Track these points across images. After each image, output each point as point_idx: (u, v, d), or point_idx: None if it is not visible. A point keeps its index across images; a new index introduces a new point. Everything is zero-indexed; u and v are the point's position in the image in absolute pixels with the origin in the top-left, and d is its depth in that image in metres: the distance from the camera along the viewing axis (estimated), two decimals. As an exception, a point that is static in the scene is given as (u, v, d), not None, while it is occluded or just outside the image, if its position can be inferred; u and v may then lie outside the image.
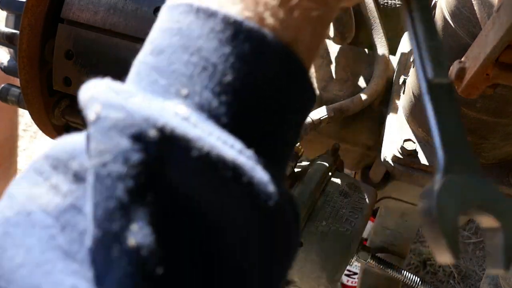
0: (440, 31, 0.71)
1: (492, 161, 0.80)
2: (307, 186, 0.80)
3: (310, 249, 0.78)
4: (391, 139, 0.84)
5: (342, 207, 0.80)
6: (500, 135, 0.74)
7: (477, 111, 0.71)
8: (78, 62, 0.85)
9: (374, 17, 1.02)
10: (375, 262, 0.87)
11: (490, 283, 0.69)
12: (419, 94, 0.80)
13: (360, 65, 1.02)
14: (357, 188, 0.83)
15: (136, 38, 0.83)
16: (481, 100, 0.69)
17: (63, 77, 0.86)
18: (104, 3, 0.84)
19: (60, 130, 1.04)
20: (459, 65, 0.55)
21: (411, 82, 0.83)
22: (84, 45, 0.85)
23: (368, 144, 1.01)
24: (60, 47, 0.85)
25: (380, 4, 1.15)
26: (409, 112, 0.85)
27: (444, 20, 0.69)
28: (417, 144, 0.82)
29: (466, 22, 0.65)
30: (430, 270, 1.83)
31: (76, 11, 0.85)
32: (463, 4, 0.64)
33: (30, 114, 1.00)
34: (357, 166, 1.07)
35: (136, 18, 0.83)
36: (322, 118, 0.88)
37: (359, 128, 0.99)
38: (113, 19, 0.84)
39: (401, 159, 0.81)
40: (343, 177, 0.87)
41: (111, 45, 0.84)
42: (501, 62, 0.50)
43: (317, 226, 0.78)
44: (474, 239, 1.90)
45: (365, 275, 1.17)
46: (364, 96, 0.92)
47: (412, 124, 0.85)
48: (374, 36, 1.01)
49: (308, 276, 0.79)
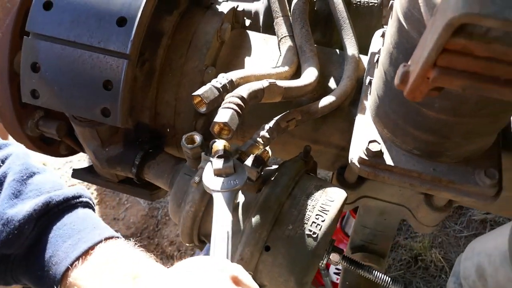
0: (396, 32, 0.71)
1: (457, 159, 0.79)
2: (273, 190, 0.80)
3: (277, 253, 0.78)
4: (358, 140, 0.84)
5: (309, 210, 0.80)
6: (461, 133, 0.74)
7: (436, 111, 0.71)
8: (44, 75, 0.86)
9: (344, 17, 1.02)
10: (347, 264, 0.88)
11: (455, 282, 0.69)
12: (382, 95, 0.80)
13: (330, 66, 1.02)
14: (325, 190, 0.83)
15: (100, 49, 0.84)
16: (439, 101, 0.69)
17: (31, 89, 0.87)
18: (68, 15, 0.85)
19: (36, 141, 1.05)
20: (404, 68, 0.55)
21: (375, 83, 0.83)
22: (49, 57, 0.85)
23: (341, 145, 1.01)
24: (26, 60, 0.86)
25: (353, 3, 1.14)
26: (374, 112, 0.85)
27: (398, 22, 0.69)
28: (383, 144, 0.82)
29: (417, 24, 0.65)
30: (421, 265, 1.83)
31: (40, 23, 0.85)
32: (413, 6, 0.64)
33: (3, 126, 1.01)
34: (332, 166, 1.07)
35: (99, 29, 0.84)
36: (289, 122, 0.88)
37: (330, 129, 0.99)
38: (76, 30, 0.84)
39: (367, 160, 0.81)
40: (311, 179, 0.87)
41: (76, 56, 0.85)
42: (439, 65, 0.50)
43: (284, 230, 0.79)
44: (466, 232, 1.90)
45: (345, 273, 1.17)
46: (332, 98, 0.92)
47: (378, 125, 0.85)
48: (344, 36, 1.01)
49: (276, 280, 0.79)
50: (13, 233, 0.59)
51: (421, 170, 0.80)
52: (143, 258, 0.62)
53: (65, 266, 0.58)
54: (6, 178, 0.63)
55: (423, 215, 1.04)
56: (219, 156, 0.76)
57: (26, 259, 0.61)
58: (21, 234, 0.60)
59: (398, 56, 0.72)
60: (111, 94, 0.84)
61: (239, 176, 0.75)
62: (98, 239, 0.61)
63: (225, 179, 0.74)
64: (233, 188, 0.73)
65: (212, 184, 0.73)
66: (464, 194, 0.78)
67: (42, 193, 0.63)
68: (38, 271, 0.60)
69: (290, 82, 0.89)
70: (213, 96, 0.79)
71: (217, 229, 0.68)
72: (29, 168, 0.65)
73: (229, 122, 0.74)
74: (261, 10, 1.19)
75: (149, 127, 0.98)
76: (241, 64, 1.02)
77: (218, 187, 0.73)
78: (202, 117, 0.99)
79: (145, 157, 0.96)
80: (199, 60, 0.95)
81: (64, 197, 0.63)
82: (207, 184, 0.74)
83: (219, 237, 0.66)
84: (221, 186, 0.73)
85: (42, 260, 0.60)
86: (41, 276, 0.60)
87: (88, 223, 0.63)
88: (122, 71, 0.83)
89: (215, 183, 0.74)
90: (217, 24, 0.97)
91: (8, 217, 0.59)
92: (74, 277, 0.58)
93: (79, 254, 0.59)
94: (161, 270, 0.60)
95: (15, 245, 0.60)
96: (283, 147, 1.04)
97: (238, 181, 0.74)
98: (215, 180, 0.74)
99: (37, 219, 0.60)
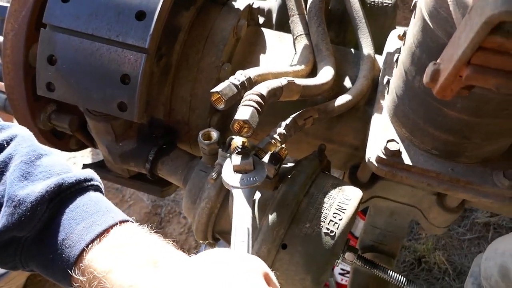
0: (419, 31, 0.70)
1: (475, 160, 0.79)
2: (291, 188, 0.80)
3: (294, 251, 0.78)
4: (375, 140, 0.84)
5: (326, 209, 0.80)
6: (482, 134, 0.74)
7: (458, 111, 0.71)
8: (61, 67, 0.85)
9: (360, 17, 1.01)
10: (362, 263, 0.87)
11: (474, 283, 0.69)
12: (401, 95, 0.80)
13: (346, 65, 1.02)
14: (341, 189, 0.83)
15: (118, 43, 0.83)
16: (461, 100, 0.69)
17: (46, 82, 0.86)
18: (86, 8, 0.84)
19: (47, 135, 1.04)
20: (434, 67, 0.55)
21: (394, 83, 0.83)
22: (66, 50, 0.84)
23: (355, 144, 1.00)
24: (42, 52, 0.85)
25: (367, 3, 1.14)
26: (392, 112, 0.85)
27: (423, 21, 0.69)
28: (401, 144, 0.82)
29: (443, 23, 0.65)
30: (425, 267, 1.83)
31: (58, 15, 0.85)
32: (440, 5, 0.64)
33: (16, 119, 1.00)
34: (345, 166, 1.07)
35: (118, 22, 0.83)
36: (306, 120, 0.88)
37: (345, 128, 0.99)
38: (95, 23, 0.84)
39: (385, 159, 0.80)
40: (328, 178, 0.86)
41: (94, 49, 0.84)
42: (473, 64, 0.50)
43: (301, 228, 0.78)
44: (469, 235, 1.90)
45: (355, 274, 1.17)
46: (349, 97, 0.92)
47: (396, 124, 0.84)
48: (360, 36, 1.00)
49: (292, 278, 0.79)
50: (25, 215, 0.57)
51: (439, 170, 0.80)
52: (162, 243, 0.60)
53: (79, 249, 0.56)
54: (12, 160, 0.62)
55: (435, 216, 1.04)
56: (238, 153, 0.75)
57: (37, 242, 0.59)
58: (34, 216, 0.58)
59: (421, 55, 0.71)
60: (128, 88, 0.83)
61: (258, 173, 0.75)
62: (112, 222, 0.59)
63: (244, 175, 0.74)
64: (253, 184, 0.73)
65: (232, 180, 0.73)
66: (482, 195, 0.78)
67: (52, 175, 0.61)
68: (50, 254, 0.58)
69: (308, 81, 0.89)
70: (232, 93, 0.78)
71: (237, 225, 0.67)
72: (36, 150, 0.64)
73: (249, 120, 0.74)
74: (275, 8, 1.19)
75: (163, 122, 0.98)
76: (256, 61, 1.02)
77: (238, 184, 0.72)
78: (217, 114, 0.99)
79: (159, 152, 0.95)
80: (216, 56, 0.95)
81: (76, 179, 0.61)
82: (227, 180, 0.73)
83: (239, 233, 0.66)
84: (241, 183, 0.73)
85: (55, 243, 0.58)
86: (53, 260, 0.58)
87: (101, 206, 0.61)
88: (140, 65, 0.83)
89: (234, 180, 0.73)
90: (233, 21, 0.97)
91: (20, 198, 0.58)
92: (89, 259, 0.56)
93: (94, 236, 0.57)
94: (184, 258, 0.58)
95: (28, 227, 0.58)
96: (297, 146, 1.04)
97: (258, 178, 0.74)
98: (235, 176, 0.74)
99: (49, 200, 0.59)
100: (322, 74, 0.93)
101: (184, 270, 0.53)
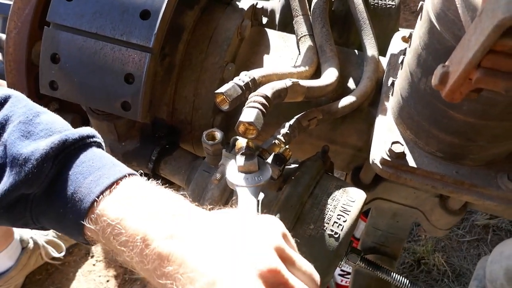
0: (426, 33, 0.70)
1: (479, 163, 0.79)
2: (295, 189, 0.80)
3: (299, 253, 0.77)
4: (380, 141, 0.84)
5: (330, 210, 0.79)
6: (487, 137, 0.74)
7: (464, 114, 0.71)
8: (64, 66, 0.84)
9: (364, 18, 1.01)
10: (365, 265, 0.87)
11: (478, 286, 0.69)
12: (407, 97, 0.80)
13: (349, 66, 1.02)
14: (345, 190, 0.83)
15: (122, 42, 0.83)
16: (468, 103, 0.69)
17: (49, 80, 0.86)
18: (90, 6, 0.84)
19: (49, 134, 1.03)
20: (443, 69, 0.55)
21: (399, 84, 0.83)
22: (70, 48, 0.84)
23: (358, 146, 1.00)
24: (45, 50, 0.85)
25: (371, 5, 1.14)
26: (397, 114, 0.84)
27: (430, 23, 0.68)
28: (405, 146, 0.82)
29: (451, 25, 0.64)
30: (424, 268, 1.83)
31: (62, 14, 0.84)
32: (448, 7, 0.64)
33: (18, 117, 0.99)
34: (348, 167, 1.07)
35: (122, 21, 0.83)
36: (310, 121, 0.87)
37: (348, 129, 0.99)
38: (99, 22, 0.83)
39: (389, 161, 0.80)
40: (332, 179, 0.86)
41: (97, 48, 0.83)
42: (483, 66, 0.50)
43: (305, 230, 0.78)
44: (468, 237, 1.90)
45: (356, 275, 1.17)
46: (353, 98, 0.92)
47: (401, 126, 0.84)
48: (364, 37, 1.00)
49: (296, 280, 0.79)
50: (32, 172, 0.57)
51: (443, 173, 0.79)
52: (176, 195, 0.59)
53: (89, 201, 0.56)
54: (9, 121, 0.61)
55: (437, 218, 1.04)
56: (242, 154, 0.75)
57: (46, 198, 0.59)
58: (41, 172, 0.57)
59: (427, 58, 0.71)
60: (132, 88, 0.83)
61: (263, 173, 0.74)
62: (120, 174, 0.59)
63: (249, 175, 0.73)
64: (258, 183, 0.73)
65: (236, 180, 0.73)
66: (486, 197, 0.78)
67: (54, 133, 0.61)
68: (60, 208, 0.58)
69: (312, 82, 0.88)
70: (236, 94, 0.78)
71: None
72: (33, 108, 0.63)
73: (254, 122, 0.73)
74: (278, 8, 1.19)
75: (166, 122, 0.97)
76: (260, 62, 1.02)
77: (243, 183, 0.72)
78: (220, 114, 0.98)
79: (162, 152, 0.95)
80: (220, 56, 0.94)
81: (79, 135, 0.61)
82: (231, 180, 0.73)
83: None
84: (245, 182, 0.72)
85: (64, 197, 0.57)
86: (64, 214, 0.58)
87: (107, 161, 0.61)
88: (144, 65, 0.82)
89: (239, 179, 0.73)
90: (237, 21, 0.97)
91: (25, 156, 0.57)
92: (101, 209, 0.55)
93: (103, 188, 0.56)
94: (199, 209, 0.57)
95: (35, 184, 0.58)
96: (300, 146, 1.04)
97: (262, 178, 0.74)
98: (239, 176, 0.74)
99: (54, 157, 0.58)
100: (326, 75, 0.93)
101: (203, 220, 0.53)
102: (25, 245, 1.71)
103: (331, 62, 0.95)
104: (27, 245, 1.71)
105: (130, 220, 0.53)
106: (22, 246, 1.71)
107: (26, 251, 1.70)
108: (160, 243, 0.51)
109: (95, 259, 1.85)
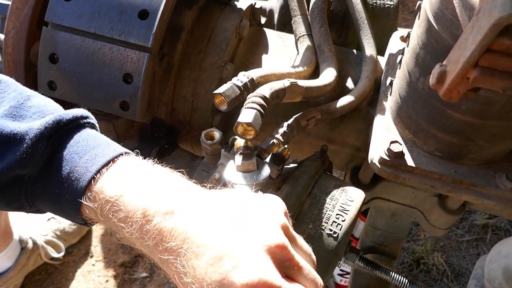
0: (424, 33, 0.70)
1: (478, 162, 0.80)
2: (294, 188, 0.80)
3: (297, 252, 0.78)
4: (378, 141, 0.84)
5: (329, 210, 0.79)
6: (486, 136, 0.74)
7: (462, 113, 0.71)
8: (63, 66, 0.84)
9: (362, 17, 1.01)
10: (364, 264, 0.87)
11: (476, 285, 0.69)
12: (405, 96, 0.80)
13: (348, 66, 1.02)
14: (344, 190, 0.83)
15: (121, 42, 0.83)
16: (466, 102, 0.69)
17: (48, 81, 0.86)
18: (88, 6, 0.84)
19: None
20: (440, 68, 0.55)
21: (397, 84, 0.83)
22: (68, 48, 0.84)
23: (357, 145, 1.00)
24: (44, 50, 0.85)
25: (369, 4, 1.14)
26: (395, 113, 0.85)
27: (428, 22, 0.68)
28: (404, 145, 0.82)
29: (449, 24, 0.65)
30: (423, 268, 1.83)
31: (60, 14, 0.84)
32: (445, 6, 0.64)
33: (16, 117, 0.99)
34: (347, 167, 1.07)
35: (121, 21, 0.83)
36: (309, 120, 0.87)
37: (347, 129, 0.99)
38: (97, 22, 0.83)
39: (388, 161, 0.80)
40: (330, 179, 0.86)
41: (96, 48, 0.83)
42: (481, 66, 0.50)
43: (304, 229, 0.78)
44: (468, 237, 1.90)
45: (356, 275, 1.17)
46: (351, 98, 0.92)
47: (399, 125, 0.84)
48: (362, 37, 1.00)
49: (295, 279, 0.79)
50: (26, 152, 0.56)
51: (442, 172, 0.79)
52: (174, 173, 0.58)
53: (86, 180, 0.55)
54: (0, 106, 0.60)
55: (436, 218, 1.04)
56: (241, 153, 0.75)
57: (42, 179, 0.58)
58: (35, 152, 0.56)
59: (425, 57, 0.71)
60: (131, 88, 0.83)
61: (261, 172, 0.75)
62: (115, 153, 0.58)
63: (247, 174, 0.74)
64: (256, 182, 0.73)
65: (235, 179, 0.73)
66: (484, 197, 0.78)
67: (47, 114, 0.60)
68: (56, 189, 0.57)
69: (310, 82, 0.88)
70: (234, 94, 0.78)
71: None
72: (23, 92, 0.62)
73: (253, 123, 0.73)
74: (276, 8, 1.19)
75: (165, 122, 0.97)
76: (259, 62, 1.02)
77: (242, 181, 0.72)
78: (219, 114, 0.98)
79: (161, 152, 0.95)
80: (218, 56, 0.94)
81: (73, 116, 0.60)
82: (230, 179, 0.73)
83: None
84: (244, 181, 0.72)
85: (60, 177, 0.57)
86: (60, 194, 0.57)
87: (101, 140, 0.60)
88: (143, 65, 0.82)
89: (238, 178, 0.73)
90: (236, 21, 0.97)
91: (19, 136, 0.56)
92: (98, 187, 0.55)
93: (100, 167, 0.56)
94: (202, 188, 0.56)
95: (30, 164, 0.57)
96: (298, 146, 1.04)
97: (261, 176, 0.74)
98: (238, 175, 0.74)
99: (48, 137, 0.57)
100: (324, 75, 0.93)
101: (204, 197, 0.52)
102: (24, 246, 1.71)
103: (329, 62, 0.95)
104: (26, 246, 1.71)
105: (129, 196, 0.53)
106: (21, 246, 1.71)
107: (25, 251, 1.70)
108: (161, 218, 0.50)
109: (95, 259, 1.85)
